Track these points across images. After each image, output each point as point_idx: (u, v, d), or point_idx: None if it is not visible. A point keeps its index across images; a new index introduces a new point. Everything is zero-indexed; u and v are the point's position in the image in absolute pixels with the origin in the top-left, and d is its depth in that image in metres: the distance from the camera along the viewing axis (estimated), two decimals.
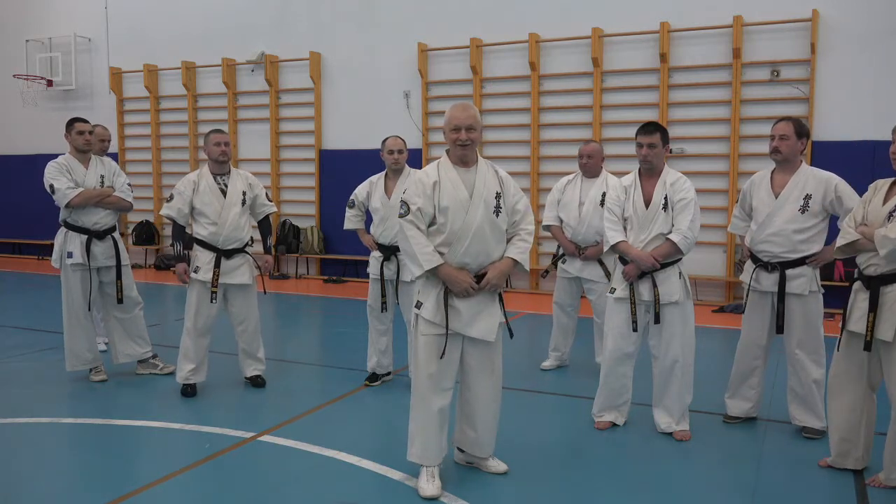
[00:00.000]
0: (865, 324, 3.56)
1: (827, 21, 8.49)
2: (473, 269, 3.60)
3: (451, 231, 3.56)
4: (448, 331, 3.58)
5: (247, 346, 5.37)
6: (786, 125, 4.30)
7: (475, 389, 3.73)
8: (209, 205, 5.09)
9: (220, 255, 5.14)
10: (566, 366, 5.97)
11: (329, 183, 11.25)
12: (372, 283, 5.39)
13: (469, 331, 3.62)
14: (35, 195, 8.74)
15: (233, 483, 3.76)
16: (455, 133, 3.58)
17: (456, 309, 3.59)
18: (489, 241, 3.60)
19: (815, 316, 4.34)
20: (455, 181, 3.59)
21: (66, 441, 4.46)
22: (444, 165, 3.65)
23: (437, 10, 10.43)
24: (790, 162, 4.33)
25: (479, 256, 3.59)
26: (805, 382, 4.34)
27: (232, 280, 5.20)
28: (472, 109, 3.64)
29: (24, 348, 6.54)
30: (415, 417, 3.68)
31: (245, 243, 5.27)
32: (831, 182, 4.24)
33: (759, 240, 4.39)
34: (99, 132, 6.02)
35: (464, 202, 3.56)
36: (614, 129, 9.42)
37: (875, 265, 3.55)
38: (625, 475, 3.89)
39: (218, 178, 5.17)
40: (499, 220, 3.62)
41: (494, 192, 3.61)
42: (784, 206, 4.29)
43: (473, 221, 3.55)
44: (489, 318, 3.64)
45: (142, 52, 12.36)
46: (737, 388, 4.61)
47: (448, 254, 3.58)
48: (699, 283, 8.99)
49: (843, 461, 3.83)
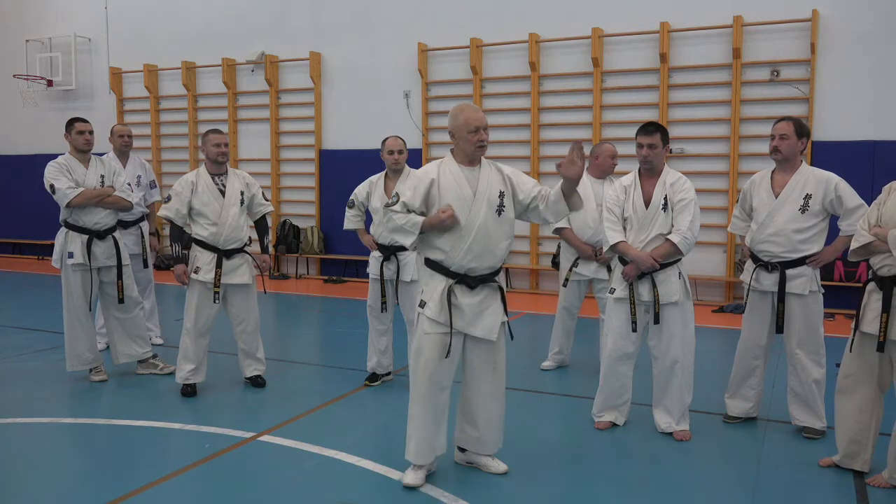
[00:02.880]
0: (879, 325, 3.55)
1: (827, 21, 8.49)
2: (478, 268, 3.60)
3: (453, 228, 3.56)
4: (433, 326, 3.59)
5: (246, 346, 5.37)
6: (786, 124, 4.30)
7: (477, 388, 3.74)
8: (208, 205, 5.09)
9: (221, 255, 5.14)
10: (566, 366, 5.97)
11: (329, 183, 11.26)
12: (372, 283, 5.38)
13: (472, 329, 3.63)
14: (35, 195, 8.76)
15: (233, 483, 3.76)
16: (475, 134, 3.61)
17: (459, 308, 3.60)
18: (492, 239, 3.60)
19: (816, 316, 4.34)
20: (459, 179, 3.61)
21: (66, 441, 4.46)
22: (449, 164, 3.66)
23: (437, 10, 10.43)
24: (790, 161, 4.33)
25: (484, 255, 3.59)
26: (805, 382, 4.34)
27: (232, 280, 5.20)
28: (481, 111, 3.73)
29: (24, 348, 6.54)
30: (413, 416, 3.69)
31: (244, 243, 5.28)
32: (831, 182, 4.23)
33: (760, 240, 4.39)
34: (117, 129, 6.44)
35: (467, 200, 3.57)
36: (614, 129, 9.42)
37: (889, 266, 3.54)
38: (625, 475, 3.88)
39: (216, 178, 5.17)
40: (501, 219, 3.62)
41: (498, 190, 3.62)
42: (784, 206, 4.29)
43: (476, 219, 3.56)
44: (492, 317, 3.65)
45: (142, 52, 12.37)
46: (737, 388, 4.61)
47: (451, 252, 3.58)
48: (699, 283, 8.99)
49: (850, 462, 3.82)
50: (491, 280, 3.67)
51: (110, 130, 6.52)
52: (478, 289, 3.63)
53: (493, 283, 3.68)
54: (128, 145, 6.46)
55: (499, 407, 3.81)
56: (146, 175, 6.62)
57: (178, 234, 5.15)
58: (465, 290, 3.62)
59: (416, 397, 3.67)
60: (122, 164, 6.26)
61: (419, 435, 3.66)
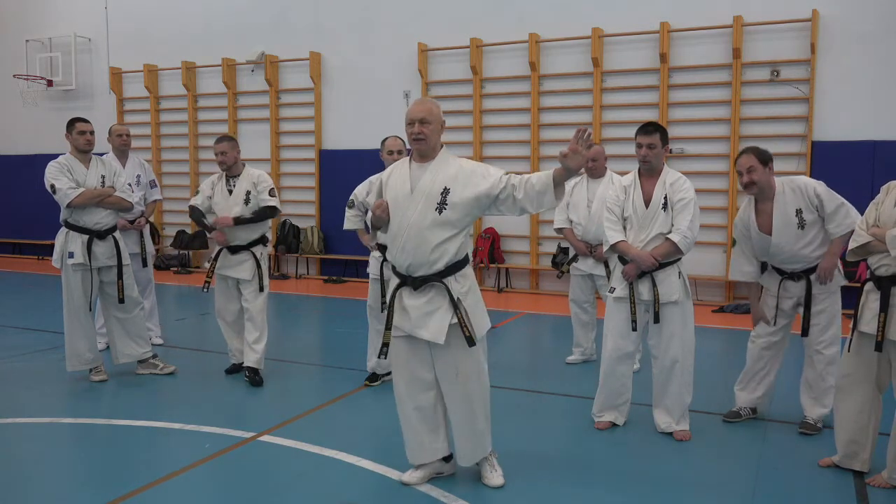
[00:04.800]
0: (877, 324, 3.55)
1: (827, 21, 8.49)
2: (416, 267, 3.48)
3: (391, 226, 3.53)
4: (393, 330, 3.57)
5: (247, 335, 5.54)
6: (747, 157, 4.25)
7: (445, 394, 3.64)
8: (218, 204, 5.51)
9: (224, 249, 5.53)
10: (592, 360, 5.99)
11: (329, 183, 11.25)
12: (372, 283, 5.39)
13: (418, 332, 3.51)
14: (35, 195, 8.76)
15: (233, 483, 3.76)
16: (409, 127, 3.50)
17: (405, 309, 3.54)
18: (427, 238, 3.43)
19: (837, 311, 4.39)
20: (403, 177, 3.55)
21: (66, 441, 4.46)
22: (405, 161, 3.64)
23: (436, 10, 10.42)
24: (767, 189, 4.29)
25: (418, 254, 3.45)
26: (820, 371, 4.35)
27: (234, 274, 5.53)
28: (429, 103, 3.53)
29: (24, 348, 6.54)
30: (399, 418, 3.74)
31: (249, 241, 5.52)
32: (808, 188, 4.24)
33: (777, 262, 4.42)
34: (116, 129, 6.51)
35: (404, 197, 3.50)
36: (614, 129, 9.42)
37: (886, 265, 3.54)
38: (625, 475, 3.88)
39: (230, 179, 5.55)
40: (442, 218, 3.43)
41: (443, 187, 3.44)
42: (783, 234, 4.28)
43: (409, 217, 3.45)
44: (440, 320, 3.47)
45: (142, 52, 12.36)
46: (748, 382, 4.64)
47: (390, 251, 3.57)
48: (699, 283, 8.99)
49: (850, 462, 3.82)
50: (436, 281, 3.48)
51: (108, 130, 6.52)
52: (423, 290, 3.50)
53: (440, 285, 3.48)
54: (126, 145, 6.47)
55: (466, 416, 3.60)
56: (146, 174, 6.63)
57: (201, 214, 5.57)
58: (410, 292, 3.53)
59: (397, 399, 3.72)
60: (121, 163, 6.27)
61: (407, 436, 3.72)
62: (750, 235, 4.42)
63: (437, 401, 3.67)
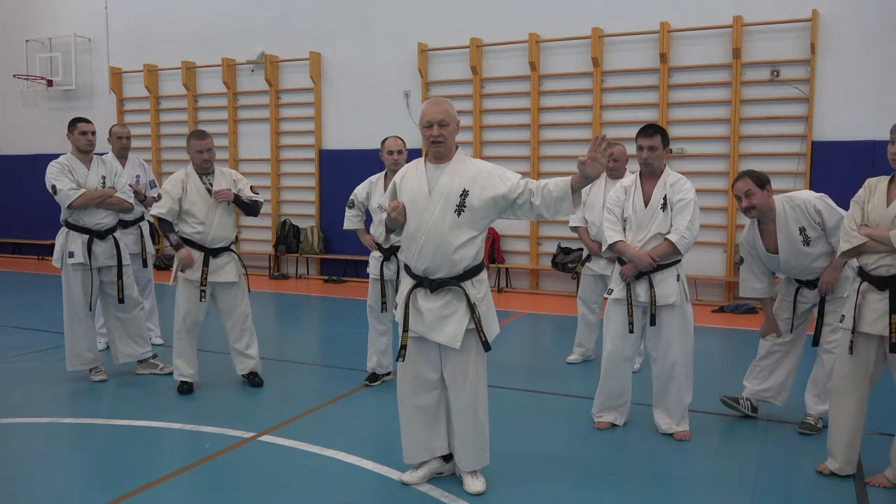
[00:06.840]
0: (887, 325, 3.51)
1: (827, 21, 8.49)
2: (434, 270, 3.45)
3: (407, 228, 3.49)
4: (409, 333, 3.53)
5: (236, 343, 5.39)
6: (744, 182, 4.23)
7: (451, 398, 3.62)
8: (196, 204, 5.17)
9: (208, 253, 5.20)
10: (591, 360, 6.00)
11: (329, 183, 11.25)
12: (372, 283, 5.39)
13: (433, 335, 3.48)
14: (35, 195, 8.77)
15: (233, 483, 3.76)
16: (427, 130, 3.44)
17: (419, 311, 3.52)
18: (447, 241, 3.41)
19: None
20: (420, 177, 3.51)
21: (66, 441, 4.46)
22: (419, 162, 3.60)
23: (437, 10, 10.42)
24: (767, 211, 4.29)
25: (437, 257, 3.42)
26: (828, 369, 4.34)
27: (219, 278, 5.26)
28: (446, 104, 3.48)
29: (24, 348, 6.54)
30: (399, 415, 3.74)
31: (231, 242, 5.36)
32: (808, 205, 4.22)
33: (792, 275, 4.44)
34: (116, 130, 6.46)
35: (422, 198, 3.46)
36: (614, 130, 9.41)
37: (888, 266, 3.52)
38: (625, 475, 3.88)
39: (203, 178, 5.25)
40: (461, 220, 3.41)
41: (461, 189, 3.41)
42: (789, 252, 4.28)
43: (428, 219, 3.41)
44: (455, 324, 3.46)
45: (142, 52, 12.36)
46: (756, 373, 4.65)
47: (407, 253, 3.53)
48: (699, 283, 8.99)
49: (851, 468, 3.79)
50: (454, 285, 3.47)
51: (109, 131, 6.52)
52: (439, 293, 3.48)
53: (457, 289, 3.47)
54: (126, 147, 6.45)
55: (471, 422, 3.57)
56: (145, 175, 6.63)
57: (169, 227, 5.19)
58: (426, 294, 3.51)
59: (399, 397, 3.71)
60: (121, 164, 6.26)
61: (405, 434, 3.72)
62: (758, 255, 4.43)
63: (440, 402, 3.67)
